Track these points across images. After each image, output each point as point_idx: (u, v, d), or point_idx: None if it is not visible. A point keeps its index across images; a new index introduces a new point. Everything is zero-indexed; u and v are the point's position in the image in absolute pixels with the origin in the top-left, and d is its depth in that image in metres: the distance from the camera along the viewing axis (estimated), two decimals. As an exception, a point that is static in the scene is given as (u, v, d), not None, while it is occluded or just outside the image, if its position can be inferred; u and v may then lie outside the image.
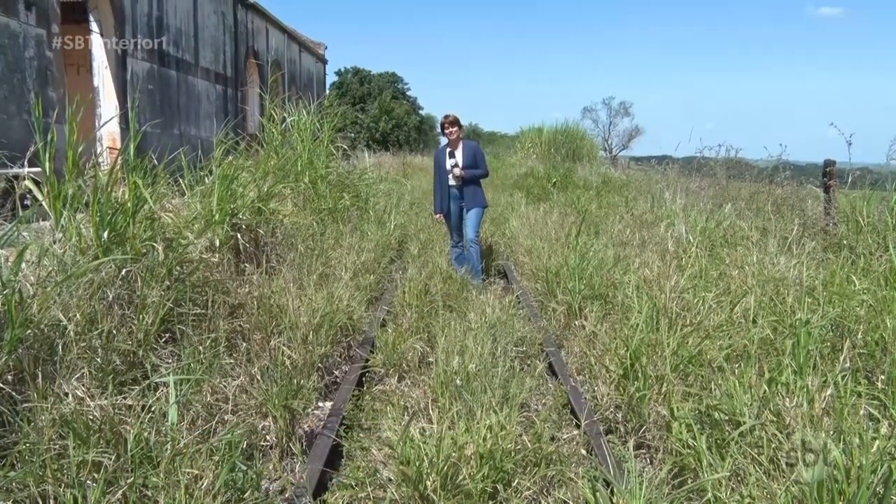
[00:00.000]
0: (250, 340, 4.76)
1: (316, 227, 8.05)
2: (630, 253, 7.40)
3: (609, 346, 4.93)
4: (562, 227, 9.98)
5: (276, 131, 9.58)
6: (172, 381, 3.19)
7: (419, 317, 5.98)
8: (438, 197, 8.39)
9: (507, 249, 10.52)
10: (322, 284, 6.08)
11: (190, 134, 17.45)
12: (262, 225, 6.39)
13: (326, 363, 5.33)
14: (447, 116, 8.17)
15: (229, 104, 20.43)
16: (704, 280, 5.65)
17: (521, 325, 5.96)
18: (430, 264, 7.65)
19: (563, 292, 6.60)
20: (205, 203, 5.66)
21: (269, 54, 24.29)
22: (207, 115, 18.72)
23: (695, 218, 8.27)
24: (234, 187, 5.98)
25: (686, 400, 3.83)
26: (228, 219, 5.69)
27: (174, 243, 4.71)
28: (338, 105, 11.78)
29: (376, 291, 7.56)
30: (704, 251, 6.66)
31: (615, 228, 9.13)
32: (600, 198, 13.24)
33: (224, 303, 4.86)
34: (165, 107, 16.18)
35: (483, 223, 10.53)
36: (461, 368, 4.42)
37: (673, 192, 10.25)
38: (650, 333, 4.55)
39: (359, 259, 7.63)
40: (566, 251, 7.62)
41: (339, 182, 10.48)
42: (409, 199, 15.18)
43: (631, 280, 5.75)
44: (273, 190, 7.01)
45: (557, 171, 18.72)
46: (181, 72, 17.12)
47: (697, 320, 4.69)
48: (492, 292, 7.12)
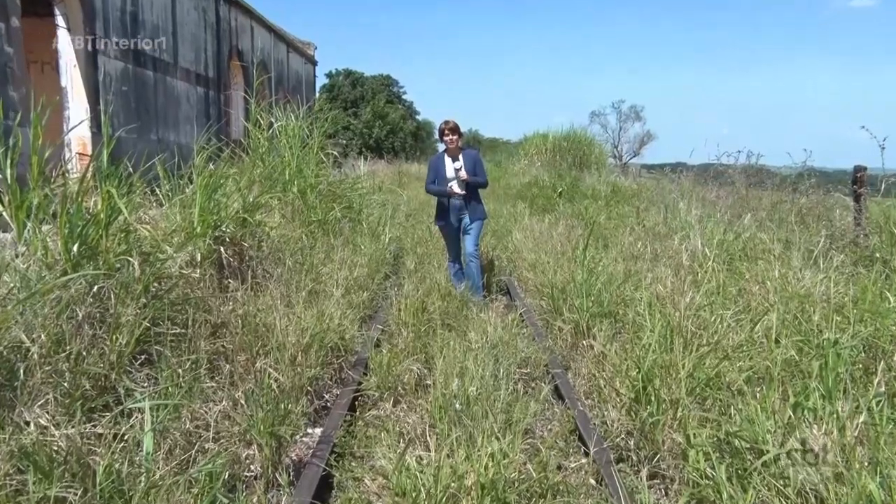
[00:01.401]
0: (234, 362, 4.72)
1: (305, 240, 8.03)
2: (641, 267, 7.38)
3: (619, 368, 4.90)
4: (568, 239, 9.96)
5: (262, 137, 9.59)
6: (148, 407, 3.16)
7: (416, 336, 5.96)
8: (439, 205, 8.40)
9: (510, 264, 10.50)
10: (312, 302, 6.06)
11: (169, 139, 17.37)
12: (247, 238, 6.37)
13: (316, 386, 5.28)
14: (447, 123, 8.18)
15: (211, 108, 20.39)
16: (722, 297, 5.63)
17: (525, 346, 5.94)
18: (427, 280, 7.63)
19: (569, 310, 6.58)
20: (185, 214, 5.65)
21: (254, 54, 24.23)
22: (187, 120, 18.65)
23: (711, 230, 8.26)
24: (216, 197, 5.97)
25: (703, 426, 3.80)
26: (211, 231, 5.67)
27: (151, 258, 4.70)
28: (328, 109, 11.81)
29: (370, 309, 7.52)
30: (722, 265, 6.64)
31: (625, 241, 9.11)
32: (609, 208, 13.24)
33: (206, 321, 4.84)
34: (142, 110, 16.07)
35: (483, 236, 10.52)
36: (461, 392, 4.40)
37: (688, 201, 10.26)
38: (664, 354, 4.52)
39: (351, 274, 7.60)
40: (573, 266, 7.60)
41: (330, 192, 10.48)
42: (404, 210, 15.18)
43: (643, 297, 5.73)
44: (259, 200, 6.99)
45: (563, 180, 18.72)
46: (159, 72, 17.02)
47: (715, 340, 4.66)
48: (493, 310, 7.09)
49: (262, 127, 9.71)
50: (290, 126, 10.06)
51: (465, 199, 8.21)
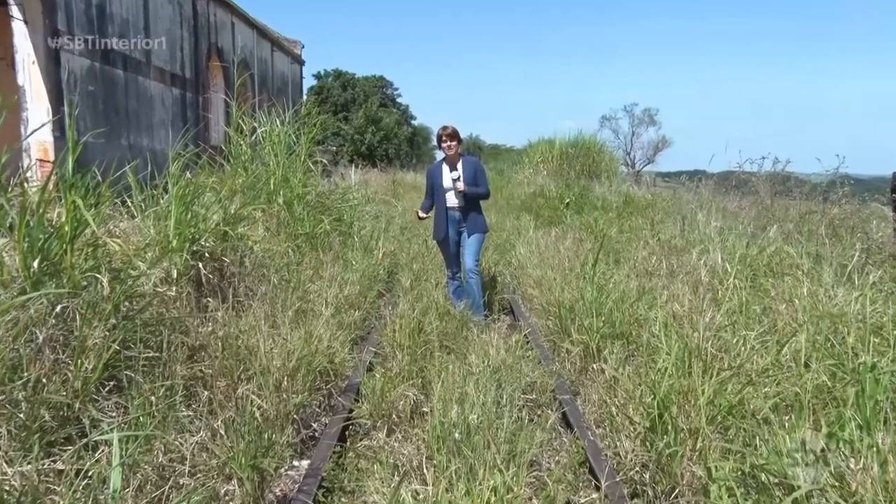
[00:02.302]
0: (213, 388, 4.70)
1: (291, 255, 8.02)
2: (656, 284, 7.37)
3: (633, 394, 4.88)
4: (576, 254, 9.96)
5: (244, 143, 9.59)
6: (116, 439, 3.12)
7: (412, 359, 5.95)
8: (437, 217, 8.39)
9: (514, 281, 10.49)
10: (299, 322, 6.06)
11: (141, 145, 17.27)
12: (228, 253, 6.36)
13: (303, 414, 5.27)
14: (445, 128, 8.20)
15: (188, 111, 20.33)
16: (745, 316, 5.61)
17: (530, 369, 5.93)
18: (424, 298, 7.61)
19: (578, 331, 6.56)
20: (160, 227, 5.64)
21: (235, 53, 24.17)
22: (162, 124, 18.56)
23: (733, 243, 8.25)
24: (195, 209, 5.96)
25: (726, 458, 3.78)
26: (188, 246, 5.66)
27: (122, 274, 4.67)
28: (317, 113, 11.81)
29: (362, 330, 7.53)
30: (745, 282, 6.63)
31: (639, 256, 9.11)
32: (621, 220, 13.24)
33: (182, 344, 4.82)
34: (111, 112, 15.93)
35: (485, 250, 10.51)
36: (460, 420, 4.38)
37: (707, 212, 10.25)
38: (681, 379, 4.50)
39: (341, 292, 7.61)
40: (582, 283, 7.59)
41: (319, 203, 10.49)
42: (399, 222, 15.19)
43: (658, 316, 5.71)
44: (241, 212, 6.99)
45: (571, 189, 18.76)
46: (129, 71, 16.88)
47: (737, 363, 4.63)
48: (496, 331, 7.08)
49: (245, 132, 9.72)
50: (275, 131, 10.07)
51: (463, 211, 8.21)
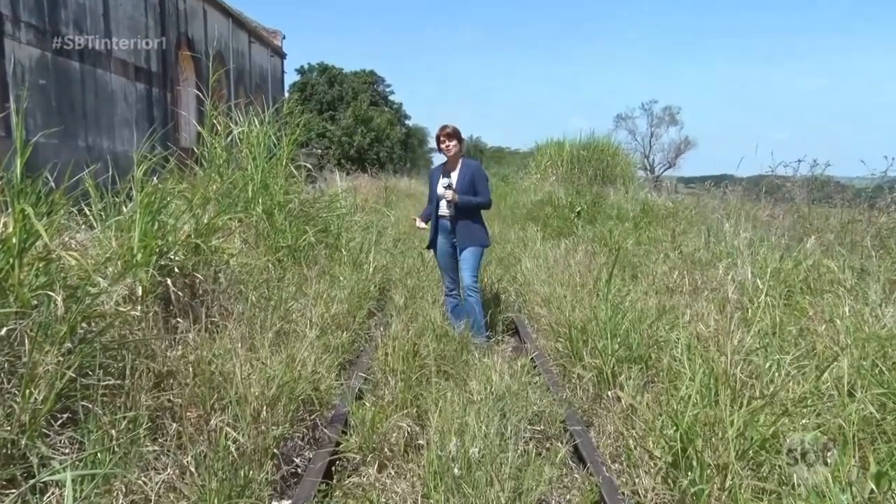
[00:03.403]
0: (183, 420, 4.68)
1: (272, 270, 8.02)
2: (678, 302, 7.37)
3: (653, 425, 4.86)
4: (589, 269, 9.95)
5: (218, 145, 9.58)
6: (70, 479, 3.08)
7: (406, 386, 5.93)
8: (431, 224, 8.39)
9: (519, 298, 10.47)
10: (280, 345, 6.04)
11: (101, 146, 17.14)
12: (200, 268, 6.35)
13: (284, 448, 5.24)
14: (444, 128, 8.19)
15: (155, 108, 20.24)
16: (779, 338, 5.60)
17: (538, 397, 5.92)
18: (419, 318, 7.60)
19: (591, 354, 6.54)
20: (123, 239, 5.63)
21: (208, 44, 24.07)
22: (125, 123, 18.43)
23: (765, 256, 8.24)
24: (163, 218, 5.94)
25: (759, 498, 3.76)
26: (155, 260, 5.65)
27: (79, 292, 4.64)
28: (300, 112, 11.82)
29: (351, 353, 7.51)
30: (778, 300, 6.62)
31: (658, 271, 9.11)
32: (639, 231, 13.25)
33: (148, 370, 4.80)
34: (66, 109, 15.77)
35: (487, 265, 10.50)
36: (460, 453, 4.37)
37: (735, 222, 10.24)
38: (707, 408, 4.48)
39: (328, 312, 7.60)
40: (595, 301, 7.58)
41: (303, 212, 10.48)
42: (392, 233, 15.19)
43: (680, 338, 5.70)
44: (215, 222, 6.98)
45: (583, 197, 18.76)
46: (87, 63, 16.71)
47: (771, 391, 4.62)
48: (499, 354, 7.06)
49: (219, 133, 9.71)
50: (253, 132, 10.07)
51: (453, 221, 8.21)
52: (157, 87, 20.47)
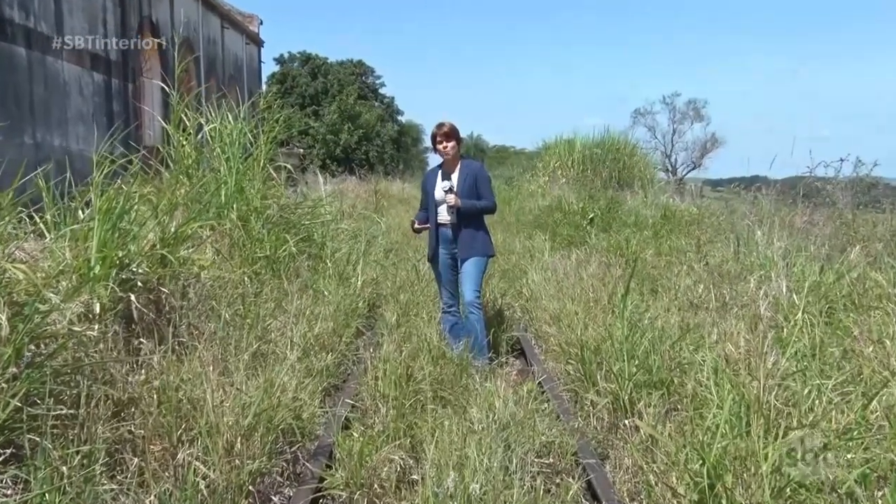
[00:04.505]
0: (145, 453, 4.65)
1: (248, 284, 8.01)
2: (704, 320, 7.36)
3: (676, 458, 4.84)
4: (603, 282, 9.95)
5: (187, 144, 9.57)
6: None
7: (398, 414, 5.92)
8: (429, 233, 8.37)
9: (525, 315, 10.48)
10: (257, 368, 6.04)
11: (52, 144, 16.99)
12: (167, 281, 6.34)
13: (261, 485, 5.22)
14: (441, 127, 8.19)
15: (114, 102, 20.10)
16: (819, 361, 5.59)
17: (546, 426, 5.91)
18: (413, 337, 7.60)
19: (605, 378, 6.54)
20: (78, 249, 5.61)
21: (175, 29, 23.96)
22: (80, 118, 18.26)
23: (802, 268, 8.23)
24: (124, 226, 5.92)
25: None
26: (115, 273, 5.63)
27: (27, 309, 4.63)
28: (279, 107, 11.83)
29: (336, 377, 7.51)
30: (818, 317, 6.61)
31: (681, 284, 9.11)
32: (659, 240, 13.26)
33: (106, 398, 4.78)
34: (8, 102, 15.60)
35: (489, 278, 10.48)
36: (459, 490, 4.37)
37: (768, 229, 10.23)
38: (737, 440, 4.47)
39: (311, 331, 7.60)
40: (610, 318, 7.58)
41: (283, 219, 10.48)
42: (383, 243, 15.19)
43: (706, 360, 5.69)
44: (184, 230, 6.97)
45: (596, 202, 18.80)
46: (35, 50, 16.51)
47: (810, 421, 4.60)
48: (503, 378, 7.05)
49: (188, 130, 9.70)
50: (226, 129, 10.06)
51: (455, 229, 8.21)
52: (117, 77, 20.33)
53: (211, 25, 28.99)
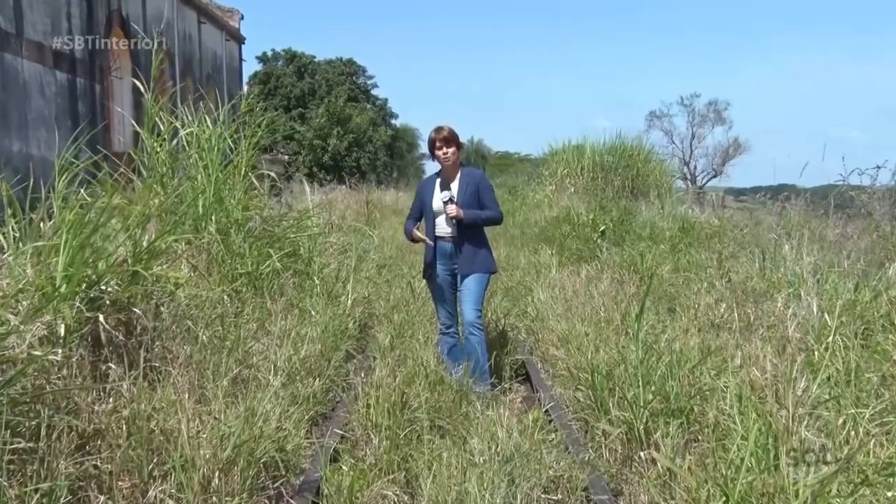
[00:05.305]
0: (113, 490, 4.65)
1: (228, 303, 7.99)
2: (727, 342, 7.36)
3: (697, 495, 4.82)
4: (616, 301, 9.96)
5: (162, 150, 9.55)
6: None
7: (392, 445, 5.94)
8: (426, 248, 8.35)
9: (530, 337, 10.47)
10: (237, 395, 6.04)
11: (10, 150, 16.92)
12: (138, 301, 6.31)
13: (241, 524, 5.19)
14: (440, 130, 8.18)
15: (80, 103, 20.00)
16: (855, 387, 5.57)
17: (554, 459, 5.91)
18: (409, 361, 7.60)
19: (619, 405, 6.52)
20: (41, 266, 5.58)
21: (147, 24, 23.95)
22: (41, 121, 18.14)
23: (835, 286, 8.22)
24: (93, 240, 5.90)
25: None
26: (83, 291, 5.60)
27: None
28: (262, 109, 11.83)
29: (324, 405, 7.51)
30: (853, 340, 6.58)
31: (701, 303, 9.11)
32: (677, 255, 13.26)
33: (70, 429, 4.76)
34: None
35: (491, 295, 10.47)
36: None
37: (797, 243, 10.22)
38: (765, 474, 4.44)
39: (297, 354, 7.60)
40: (623, 340, 7.57)
41: (266, 232, 10.47)
42: (375, 258, 15.20)
43: (729, 386, 5.68)
44: (158, 244, 6.94)
45: (608, 213, 18.80)
46: None
47: (845, 454, 4.57)
48: (506, 405, 7.05)
49: (163, 134, 9.68)
50: (204, 134, 10.05)
51: (456, 242, 8.20)
52: (83, 76, 20.25)
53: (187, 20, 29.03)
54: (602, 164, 28.53)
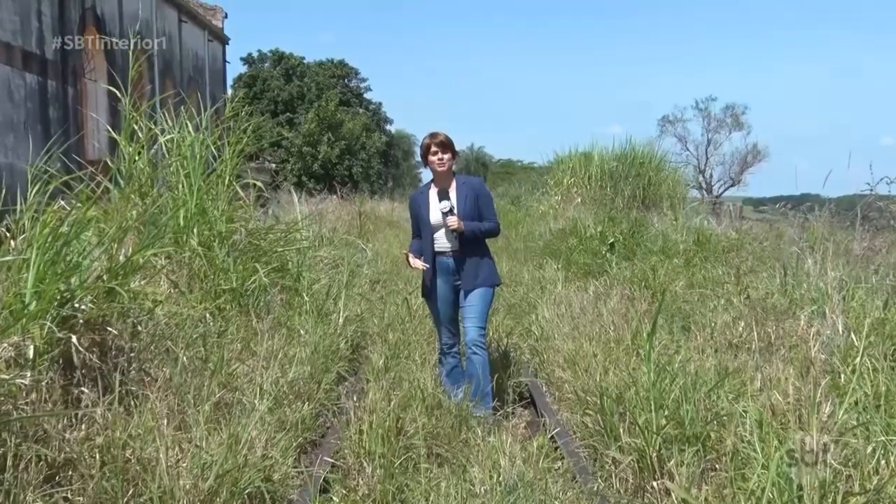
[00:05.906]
0: (86, 524, 4.60)
1: (210, 321, 7.97)
2: (745, 363, 7.33)
3: (715, 528, 4.81)
4: (626, 319, 9.94)
5: (140, 158, 9.54)
6: None
7: (387, 475, 5.92)
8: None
9: (535, 358, 10.46)
10: (220, 421, 6.02)
11: (-25, 157, 17.00)
12: (114, 319, 6.29)
13: (224, 560, 5.17)
14: (435, 136, 8.18)
15: (52, 108, 19.98)
16: (885, 413, 5.55)
17: (560, 489, 5.89)
18: (404, 384, 7.60)
19: (630, 431, 6.49)
20: (10, 282, 5.56)
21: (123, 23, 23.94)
22: (10, 126, 18.12)
23: (862, 303, 8.21)
24: (66, 254, 5.88)
25: None
26: (55, 309, 5.58)
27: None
28: (248, 114, 11.83)
29: (314, 431, 7.49)
30: (883, 361, 6.57)
31: (718, 321, 9.09)
32: (692, 270, 13.25)
33: (38, 459, 4.74)
34: None
35: (494, 313, 10.45)
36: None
37: (821, 257, 10.21)
38: (788, 505, 4.42)
39: (284, 376, 7.58)
40: (634, 361, 7.55)
41: (252, 245, 10.47)
42: (369, 273, 15.20)
43: (748, 411, 5.65)
44: (136, 259, 6.93)
45: (617, 225, 18.82)
46: None
47: (874, 484, 4.56)
48: (509, 431, 7.03)
49: (141, 141, 9.67)
50: (186, 141, 10.05)
51: (458, 257, 8.17)
52: (55, 79, 20.22)
53: (167, 19, 29.06)
54: (611, 173, 28.53)
